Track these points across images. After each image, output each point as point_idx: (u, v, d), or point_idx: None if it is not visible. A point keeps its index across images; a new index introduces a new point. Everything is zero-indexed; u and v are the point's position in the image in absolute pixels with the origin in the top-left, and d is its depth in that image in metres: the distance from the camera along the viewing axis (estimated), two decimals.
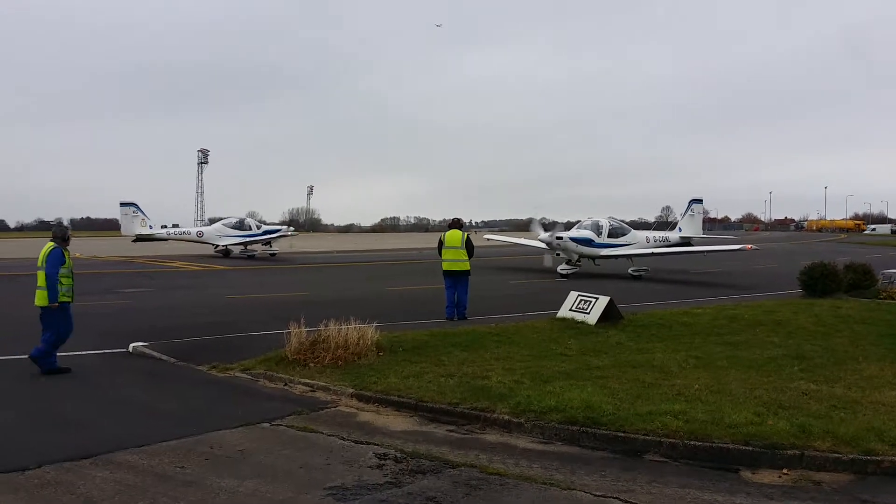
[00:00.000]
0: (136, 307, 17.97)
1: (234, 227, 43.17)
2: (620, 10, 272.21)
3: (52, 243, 10.73)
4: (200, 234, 44.39)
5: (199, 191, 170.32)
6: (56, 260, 10.56)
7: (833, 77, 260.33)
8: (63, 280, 10.57)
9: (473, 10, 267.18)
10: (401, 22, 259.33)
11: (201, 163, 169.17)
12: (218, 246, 42.64)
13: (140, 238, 42.23)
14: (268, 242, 42.64)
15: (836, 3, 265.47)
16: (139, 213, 42.06)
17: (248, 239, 42.37)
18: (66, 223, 11.95)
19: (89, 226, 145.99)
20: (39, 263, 10.64)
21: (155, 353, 11.69)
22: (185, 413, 8.42)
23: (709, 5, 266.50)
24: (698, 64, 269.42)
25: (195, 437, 7.33)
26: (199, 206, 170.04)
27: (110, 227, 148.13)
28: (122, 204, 42.02)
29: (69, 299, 10.73)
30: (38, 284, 10.56)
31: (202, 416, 8.23)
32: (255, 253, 41.99)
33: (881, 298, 18.34)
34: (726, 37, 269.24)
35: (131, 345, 12.15)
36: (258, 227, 43.57)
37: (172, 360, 11.29)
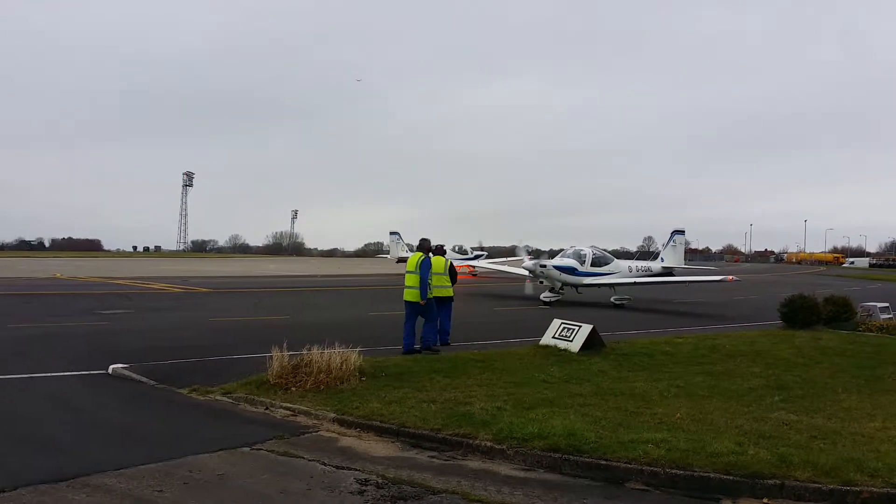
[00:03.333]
0: (116, 329, 17.80)
1: (453, 251, 50.60)
2: (613, 53, 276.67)
3: (420, 254, 14.29)
4: None
5: (183, 212, 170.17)
6: (427, 266, 14.07)
7: (814, 115, 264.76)
8: (430, 281, 14.06)
9: (469, 41, 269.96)
10: (392, 50, 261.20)
11: (186, 185, 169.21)
12: None
13: (401, 260, 49.83)
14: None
15: (817, 50, 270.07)
16: (401, 241, 51.82)
17: (464, 261, 49.33)
18: (426, 237, 14.58)
19: (71, 246, 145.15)
20: (410, 269, 14.15)
21: (135, 376, 11.58)
22: (165, 436, 8.32)
23: (695, 46, 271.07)
24: (684, 102, 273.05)
25: (174, 461, 7.25)
26: (183, 227, 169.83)
27: (91, 247, 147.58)
28: (391, 233, 52.08)
29: (432, 294, 14.23)
30: (409, 285, 14.11)
31: (181, 439, 8.15)
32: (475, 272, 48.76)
33: (860, 331, 18.54)
34: (711, 76, 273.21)
35: (111, 366, 12.04)
36: (471, 251, 52.10)
37: (152, 382, 11.19)
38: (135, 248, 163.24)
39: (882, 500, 6.55)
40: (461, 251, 52.66)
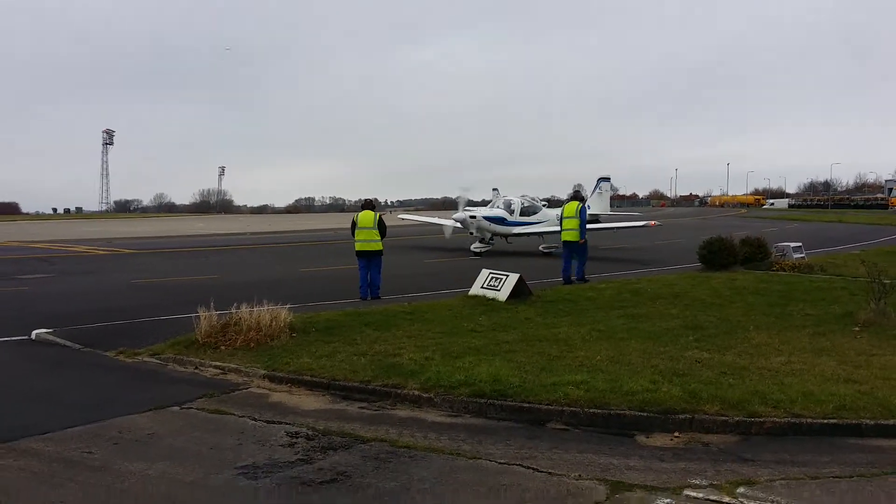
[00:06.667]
0: (38, 293, 17.38)
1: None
2: (547, 11, 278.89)
3: (576, 202, 18.27)
4: None
5: (105, 172, 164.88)
6: (585, 212, 18.15)
7: (737, 64, 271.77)
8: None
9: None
10: (328, 10, 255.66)
11: (106, 143, 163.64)
12: None
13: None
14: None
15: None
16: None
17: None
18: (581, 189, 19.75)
19: None
20: (569, 214, 18.04)
21: (59, 340, 11.41)
22: (93, 399, 8.30)
23: (623, 3, 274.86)
24: (612, 55, 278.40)
25: (103, 423, 7.26)
26: (105, 187, 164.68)
27: (8, 210, 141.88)
28: (493, 189, 51.24)
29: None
30: (568, 227, 18.01)
31: (110, 401, 8.13)
32: None
33: (773, 270, 19.34)
34: (638, 32, 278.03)
35: (34, 332, 11.82)
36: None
37: (78, 346, 11.06)
38: (55, 210, 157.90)
39: (783, 429, 7.05)
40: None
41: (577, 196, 19.16)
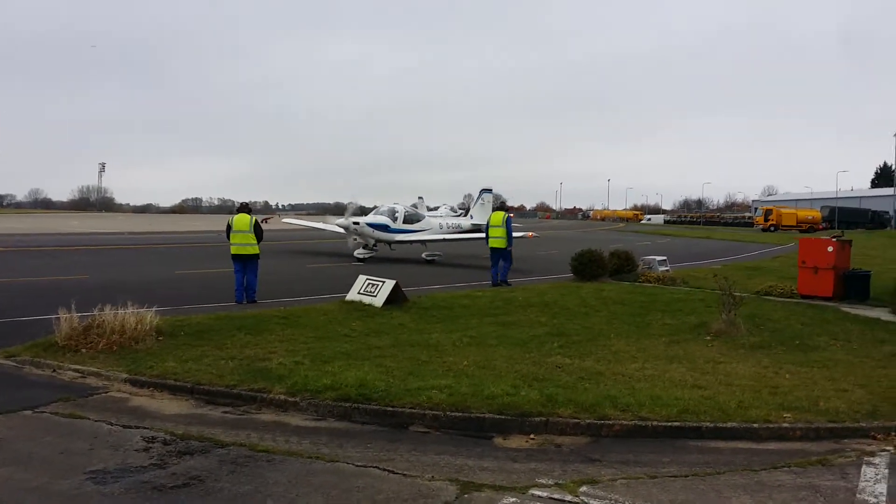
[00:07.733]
0: None
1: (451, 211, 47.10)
2: (441, 18, 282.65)
3: (503, 212, 20.23)
4: None
5: None
6: (511, 222, 20.10)
7: (621, 81, 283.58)
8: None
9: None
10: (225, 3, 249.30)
11: None
12: None
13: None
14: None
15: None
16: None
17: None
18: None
19: None
20: (496, 223, 19.84)
21: None
22: None
23: (518, 14, 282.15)
24: (504, 66, 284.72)
25: None
26: None
27: None
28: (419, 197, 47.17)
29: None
30: (495, 235, 19.73)
31: None
32: None
33: (640, 282, 20.34)
34: (529, 44, 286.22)
35: None
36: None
37: None
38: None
39: (630, 431, 7.50)
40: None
41: (503, 207, 22.20)
